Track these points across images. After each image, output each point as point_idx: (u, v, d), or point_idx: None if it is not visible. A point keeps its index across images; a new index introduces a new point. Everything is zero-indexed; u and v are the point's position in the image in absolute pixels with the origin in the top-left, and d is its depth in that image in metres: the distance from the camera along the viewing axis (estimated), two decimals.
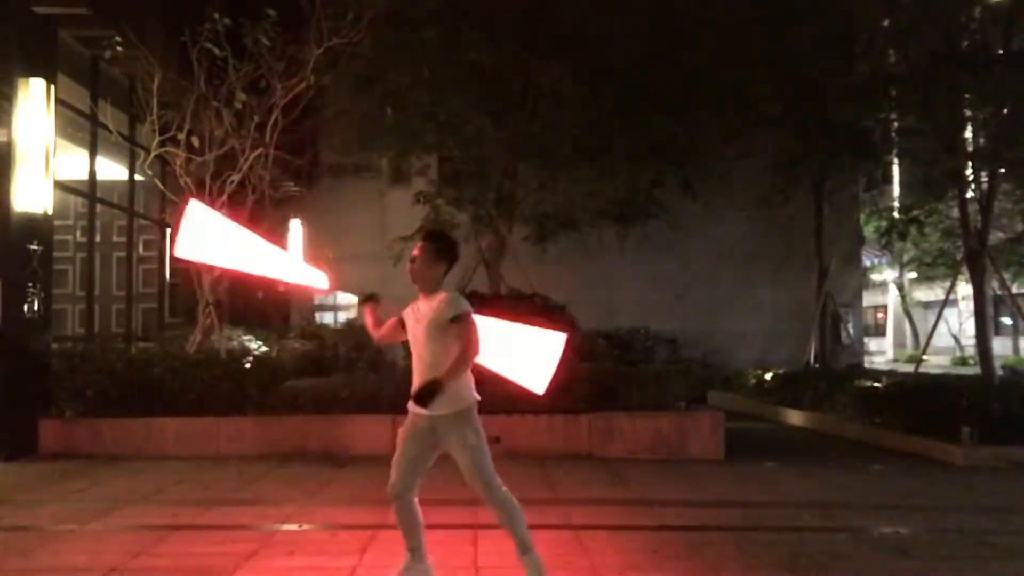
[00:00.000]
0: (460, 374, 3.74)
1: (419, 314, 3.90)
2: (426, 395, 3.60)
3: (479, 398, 3.89)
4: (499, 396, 8.56)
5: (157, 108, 9.10)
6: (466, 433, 3.79)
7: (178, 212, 4.08)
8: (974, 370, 15.20)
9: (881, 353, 36.06)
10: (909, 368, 15.67)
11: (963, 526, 5.63)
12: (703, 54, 10.89)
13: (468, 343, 3.72)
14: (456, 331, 3.76)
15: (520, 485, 6.87)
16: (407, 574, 3.95)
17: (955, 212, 13.43)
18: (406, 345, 4.04)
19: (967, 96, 11.40)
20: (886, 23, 12.41)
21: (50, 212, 8.38)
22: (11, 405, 7.93)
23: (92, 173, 10.18)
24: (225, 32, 8.98)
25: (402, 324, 4.04)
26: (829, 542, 5.08)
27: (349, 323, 16.06)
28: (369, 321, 4.24)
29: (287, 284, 4.52)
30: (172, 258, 12.48)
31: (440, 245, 3.95)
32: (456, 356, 3.71)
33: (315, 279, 4.30)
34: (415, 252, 3.93)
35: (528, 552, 3.85)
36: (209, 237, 3.94)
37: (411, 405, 3.84)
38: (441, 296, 3.85)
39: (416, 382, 3.86)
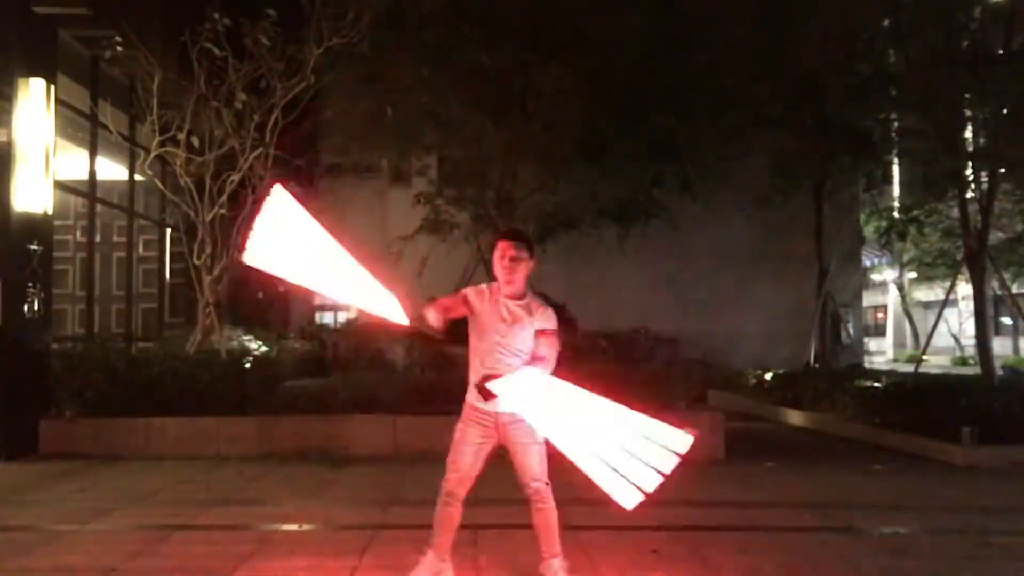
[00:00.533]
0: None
1: (511, 315, 3.89)
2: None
3: None
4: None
5: (157, 108, 9.10)
6: (537, 432, 3.87)
7: (255, 208, 3.58)
8: (974, 370, 15.19)
9: (881, 353, 36.06)
10: (909, 368, 15.65)
11: (963, 526, 5.63)
12: (703, 54, 10.89)
13: (556, 354, 3.85)
14: (544, 340, 3.85)
15: (520, 485, 6.89)
16: (429, 571, 3.92)
17: (955, 212, 13.42)
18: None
19: (967, 96, 11.40)
20: (886, 23, 12.41)
21: (50, 212, 8.38)
22: (11, 405, 7.93)
23: (92, 173, 10.18)
24: (225, 32, 8.98)
25: (465, 302, 3.92)
26: (829, 542, 5.08)
27: (349, 323, 16.07)
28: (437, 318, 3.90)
29: (363, 312, 4.07)
30: (172, 258, 12.50)
31: (531, 245, 3.98)
32: (543, 363, 3.80)
33: (394, 312, 3.74)
34: (512, 253, 3.87)
35: (558, 556, 3.95)
36: (284, 245, 3.41)
37: (480, 402, 3.83)
38: (536, 302, 3.94)
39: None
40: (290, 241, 3.43)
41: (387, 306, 3.71)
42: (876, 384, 10.53)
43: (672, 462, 3.53)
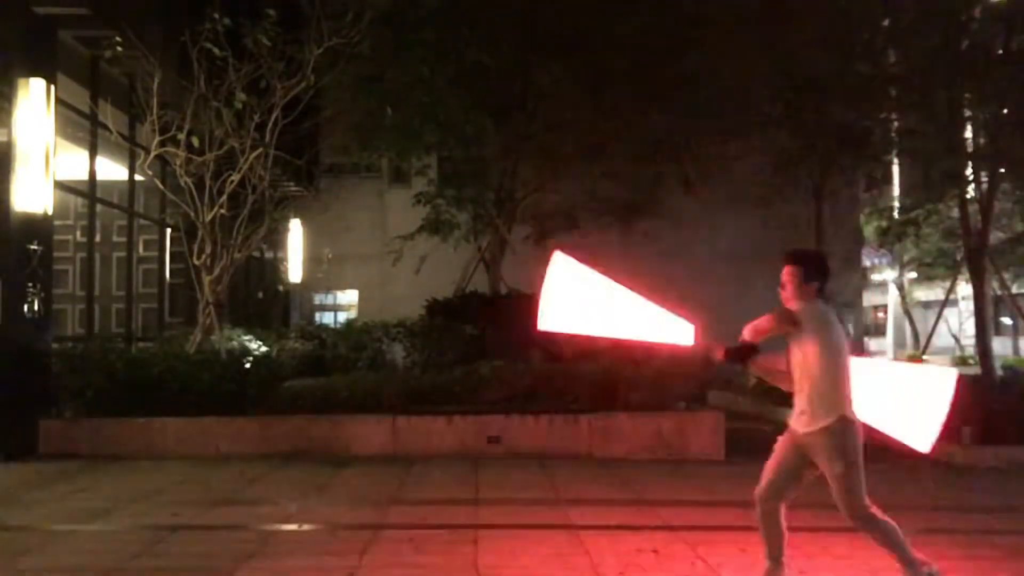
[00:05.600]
0: (754, 332, 3.82)
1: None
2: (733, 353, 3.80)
3: (853, 418, 3.73)
4: (497, 396, 8.64)
5: (157, 108, 9.10)
6: (833, 456, 3.68)
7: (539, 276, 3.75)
8: (974, 370, 15.19)
9: (881, 353, 36.00)
10: None
11: (963, 526, 5.63)
12: (703, 54, 10.89)
13: (760, 321, 3.77)
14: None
15: (520, 485, 6.90)
16: None
17: (955, 212, 13.42)
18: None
19: (967, 96, 11.40)
20: (886, 23, 12.41)
21: (50, 212, 8.38)
22: (11, 405, 7.92)
23: (92, 173, 10.17)
24: (225, 32, 8.98)
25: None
26: (828, 542, 5.08)
27: (349, 323, 16.07)
28: (768, 375, 4.04)
29: (646, 343, 4.13)
30: (172, 258, 12.50)
31: (807, 266, 3.84)
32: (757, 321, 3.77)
33: (680, 333, 3.90)
34: (783, 278, 3.85)
35: (921, 565, 3.69)
36: (573, 302, 3.73)
37: (791, 419, 3.87)
38: (804, 312, 3.76)
39: (795, 399, 3.82)
40: (575, 298, 3.79)
41: (672, 332, 3.90)
42: None
43: (945, 401, 3.69)
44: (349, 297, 20.23)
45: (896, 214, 15.03)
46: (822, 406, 3.68)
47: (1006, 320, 31.39)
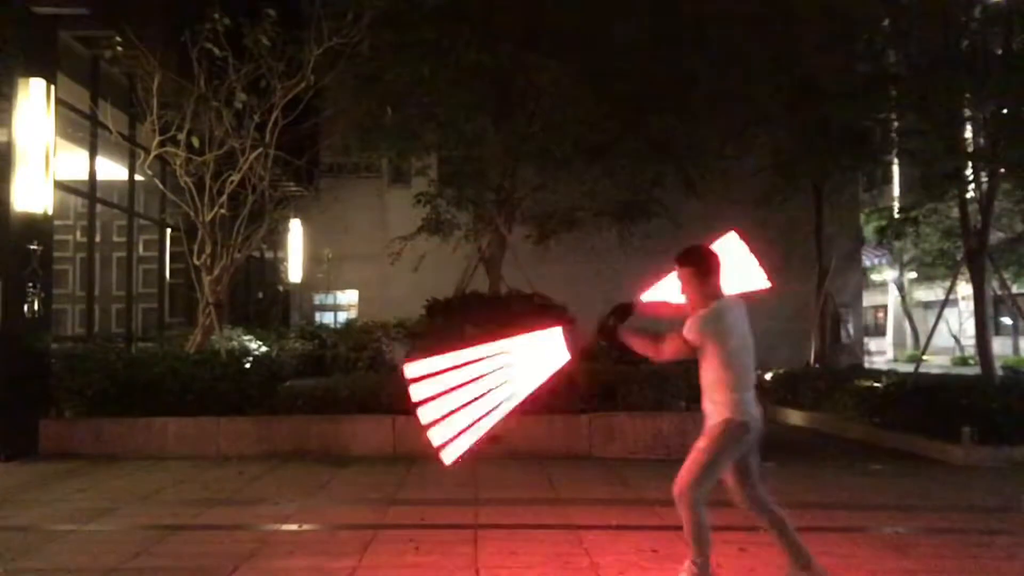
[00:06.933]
0: (635, 345, 3.95)
1: None
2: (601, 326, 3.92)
3: (741, 419, 3.78)
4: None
5: (157, 108, 9.10)
6: (706, 435, 3.85)
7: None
8: (974, 370, 15.19)
9: (881, 353, 36.02)
10: (909, 368, 15.66)
11: (963, 526, 5.63)
12: (703, 53, 10.89)
13: (669, 342, 3.81)
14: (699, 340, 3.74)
15: (520, 485, 6.91)
16: None
17: (955, 212, 13.42)
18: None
19: (967, 96, 11.39)
20: (886, 23, 12.41)
21: (50, 212, 8.38)
22: (11, 405, 7.93)
23: (92, 173, 10.18)
24: (225, 32, 8.98)
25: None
26: (829, 542, 5.07)
27: (349, 323, 16.08)
28: (639, 344, 3.99)
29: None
30: (172, 258, 12.51)
31: (700, 265, 3.84)
32: (655, 340, 3.86)
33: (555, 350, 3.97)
34: (680, 280, 3.88)
35: (690, 559, 3.84)
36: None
37: None
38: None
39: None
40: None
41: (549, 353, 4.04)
42: (876, 384, 10.52)
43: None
44: (349, 297, 20.23)
45: (896, 213, 15.00)
46: (717, 406, 3.82)
47: (1006, 320, 31.42)
